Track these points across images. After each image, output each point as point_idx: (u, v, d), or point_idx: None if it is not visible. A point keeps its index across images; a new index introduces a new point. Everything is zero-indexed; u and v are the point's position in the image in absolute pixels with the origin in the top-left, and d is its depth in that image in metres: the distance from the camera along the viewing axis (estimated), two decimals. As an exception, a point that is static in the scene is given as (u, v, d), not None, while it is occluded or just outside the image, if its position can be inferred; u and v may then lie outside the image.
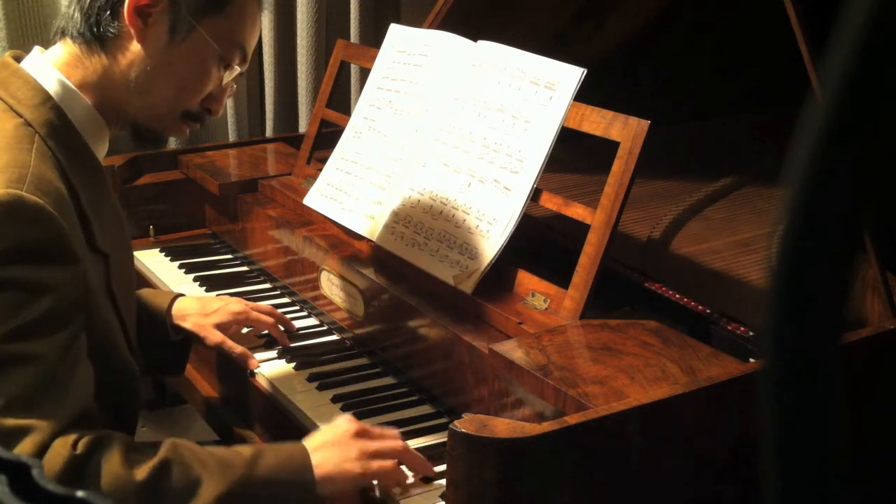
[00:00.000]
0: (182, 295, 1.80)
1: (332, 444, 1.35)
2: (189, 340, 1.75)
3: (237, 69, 1.47)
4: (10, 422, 1.21)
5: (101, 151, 1.44)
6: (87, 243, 1.34)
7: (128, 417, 1.51)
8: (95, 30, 1.37)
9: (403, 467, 1.40)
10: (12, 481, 0.51)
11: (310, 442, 1.36)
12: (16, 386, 1.22)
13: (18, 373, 1.22)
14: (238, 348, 1.72)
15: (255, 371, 1.72)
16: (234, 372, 1.79)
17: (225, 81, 1.47)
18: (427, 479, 1.41)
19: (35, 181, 1.26)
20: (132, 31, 1.37)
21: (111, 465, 1.23)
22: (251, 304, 1.81)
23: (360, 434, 1.37)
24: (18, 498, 0.50)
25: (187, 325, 1.73)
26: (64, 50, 1.40)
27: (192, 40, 1.40)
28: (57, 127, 1.35)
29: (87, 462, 1.22)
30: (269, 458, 1.31)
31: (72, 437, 1.23)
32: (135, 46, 1.38)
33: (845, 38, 0.36)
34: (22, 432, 1.21)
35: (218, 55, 1.43)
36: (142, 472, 1.23)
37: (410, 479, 1.39)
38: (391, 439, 1.40)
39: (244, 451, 1.32)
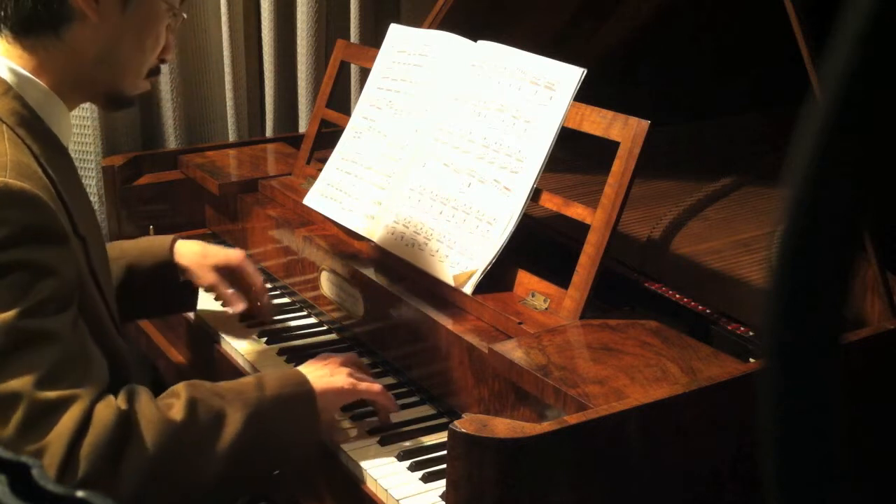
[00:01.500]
0: (179, 238, 1.89)
1: (322, 365, 1.53)
2: (193, 282, 1.86)
3: (183, 15, 1.55)
4: (50, 394, 1.24)
5: (64, 134, 1.46)
6: (71, 227, 1.36)
7: None
8: (44, 15, 1.38)
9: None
10: (12, 481, 0.51)
11: (302, 367, 1.54)
12: (44, 361, 1.25)
13: (42, 349, 1.25)
14: (229, 290, 1.84)
15: (256, 373, 1.72)
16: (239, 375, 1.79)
17: (174, 29, 1.52)
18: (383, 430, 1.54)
19: (16, 168, 1.28)
20: (86, 10, 1.37)
21: (150, 413, 1.30)
22: (248, 259, 1.91)
23: (345, 363, 1.56)
24: (18, 498, 0.50)
25: (185, 262, 1.84)
26: (7, 40, 1.40)
27: (143, 4, 1.43)
28: (22, 115, 1.37)
29: (131, 416, 1.29)
30: (273, 381, 1.45)
31: (109, 398, 1.29)
32: (89, 24, 1.39)
33: (845, 37, 0.36)
34: (64, 403, 1.24)
35: (167, 8, 1.47)
36: (176, 413, 1.32)
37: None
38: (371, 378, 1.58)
39: (248, 380, 1.45)
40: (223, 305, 1.90)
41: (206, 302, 1.95)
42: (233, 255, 1.89)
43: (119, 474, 1.26)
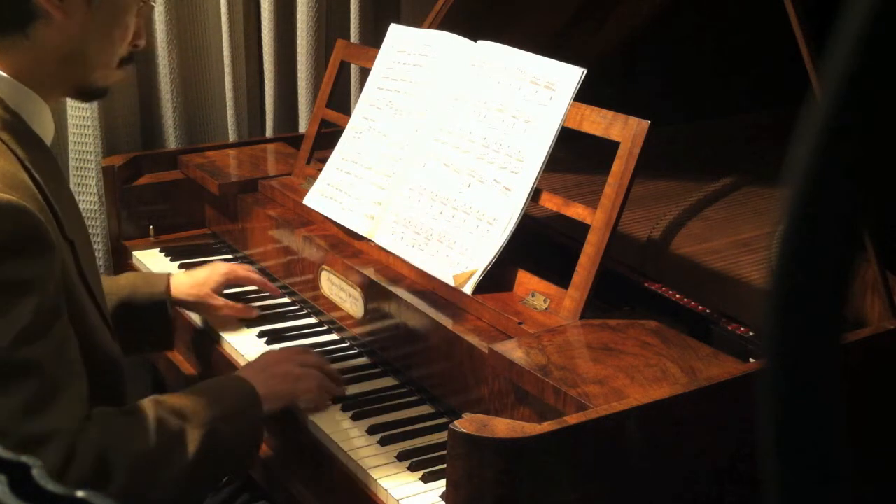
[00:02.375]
0: (168, 274, 1.89)
1: (260, 370, 1.58)
2: (169, 315, 1.85)
3: (152, 2, 1.54)
4: (33, 428, 1.24)
5: (46, 132, 1.46)
6: (59, 232, 1.36)
7: (117, 403, 1.51)
8: (9, 16, 1.37)
9: None
10: (12, 481, 0.51)
11: (243, 372, 1.60)
12: (25, 393, 1.24)
13: (23, 381, 1.24)
14: (239, 305, 1.90)
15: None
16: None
17: (145, 14, 1.52)
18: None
19: (1, 178, 1.27)
20: (50, 9, 1.36)
21: (123, 444, 1.34)
22: (231, 264, 1.96)
23: (284, 360, 1.61)
24: (18, 498, 0.50)
25: (189, 300, 1.86)
26: None
27: None
28: (4, 119, 1.36)
29: (108, 448, 1.31)
30: (227, 398, 1.50)
31: (87, 431, 1.30)
32: (56, 23, 1.37)
33: (845, 37, 0.36)
34: (47, 438, 1.24)
35: None
36: (145, 438, 1.37)
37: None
38: (311, 363, 1.63)
39: (204, 397, 1.48)
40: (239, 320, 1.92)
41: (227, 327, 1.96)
42: (222, 270, 1.91)
43: (111, 487, 1.30)
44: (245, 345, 1.84)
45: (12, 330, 1.23)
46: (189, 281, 1.88)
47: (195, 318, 1.96)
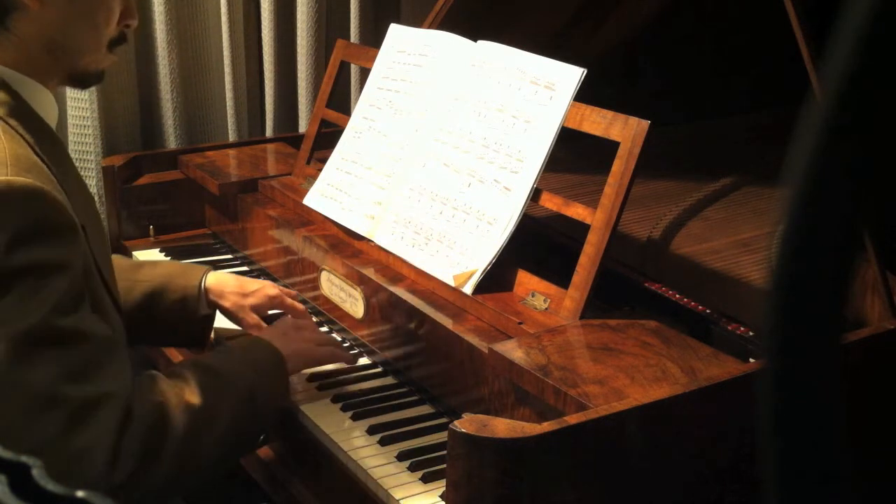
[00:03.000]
0: (212, 269, 1.84)
1: (281, 334, 1.64)
2: (212, 315, 1.80)
3: None
4: (89, 393, 1.26)
5: (52, 119, 1.45)
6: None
7: None
8: None
9: None
10: (12, 481, 0.51)
11: (266, 334, 1.65)
12: (77, 359, 1.27)
13: (74, 347, 1.26)
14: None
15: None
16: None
17: None
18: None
19: (15, 162, 1.27)
20: (26, 1, 1.35)
21: (175, 400, 1.37)
22: (281, 289, 1.84)
23: (300, 326, 1.69)
24: (18, 498, 0.50)
25: (226, 303, 1.78)
26: None
27: None
28: (11, 105, 1.36)
29: (163, 406, 1.35)
30: (260, 361, 1.56)
31: (141, 390, 1.35)
32: (33, 13, 1.36)
33: (845, 37, 0.36)
34: (103, 401, 1.27)
35: None
36: (192, 396, 1.40)
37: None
38: (318, 331, 1.73)
39: (240, 360, 1.54)
40: None
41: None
42: (270, 293, 1.80)
43: (162, 462, 1.32)
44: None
45: (47, 304, 1.24)
46: (233, 286, 1.79)
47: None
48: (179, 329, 1.78)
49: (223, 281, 1.79)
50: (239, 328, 1.81)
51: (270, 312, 1.82)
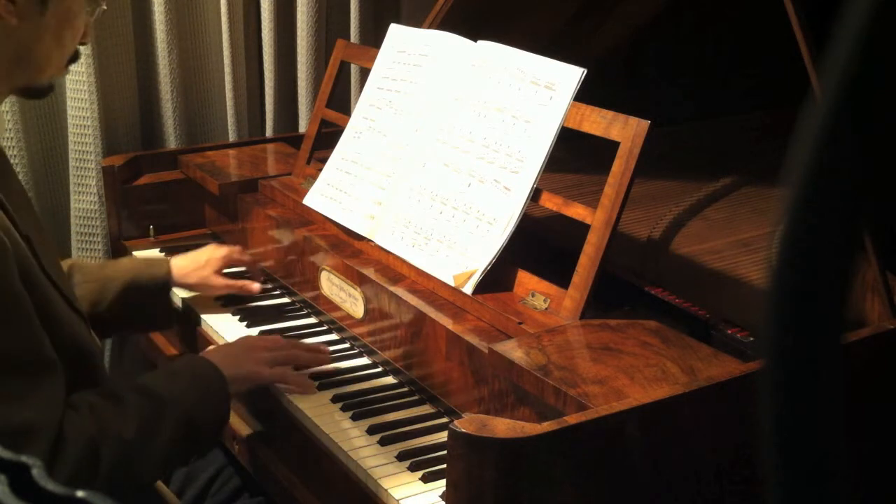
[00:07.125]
0: (168, 258, 1.97)
1: (229, 355, 1.64)
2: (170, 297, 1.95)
3: (103, 6, 1.54)
4: (9, 423, 1.24)
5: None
6: (13, 227, 1.35)
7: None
8: None
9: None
10: (12, 481, 0.51)
11: (212, 355, 1.62)
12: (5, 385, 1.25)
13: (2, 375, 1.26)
14: (239, 283, 1.98)
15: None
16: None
17: (94, 18, 1.52)
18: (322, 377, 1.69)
19: None
20: (4, 15, 1.35)
21: (109, 433, 1.37)
22: (227, 247, 2.02)
23: (254, 346, 1.67)
24: (18, 498, 0.50)
25: (192, 280, 1.95)
26: None
27: (61, 2, 1.42)
28: None
29: (95, 440, 1.34)
30: (196, 382, 1.55)
31: (74, 423, 1.33)
32: (9, 27, 1.37)
33: (845, 37, 0.36)
34: (28, 431, 1.25)
35: (86, 2, 1.47)
36: (132, 427, 1.40)
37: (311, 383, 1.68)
38: (282, 348, 1.70)
39: (181, 379, 1.54)
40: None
41: (208, 308, 1.98)
42: (221, 253, 1.99)
43: (99, 475, 1.34)
44: (223, 325, 1.91)
45: None
46: (191, 264, 1.95)
47: (176, 300, 2.01)
48: (151, 317, 1.94)
49: (180, 264, 1.94)
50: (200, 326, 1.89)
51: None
